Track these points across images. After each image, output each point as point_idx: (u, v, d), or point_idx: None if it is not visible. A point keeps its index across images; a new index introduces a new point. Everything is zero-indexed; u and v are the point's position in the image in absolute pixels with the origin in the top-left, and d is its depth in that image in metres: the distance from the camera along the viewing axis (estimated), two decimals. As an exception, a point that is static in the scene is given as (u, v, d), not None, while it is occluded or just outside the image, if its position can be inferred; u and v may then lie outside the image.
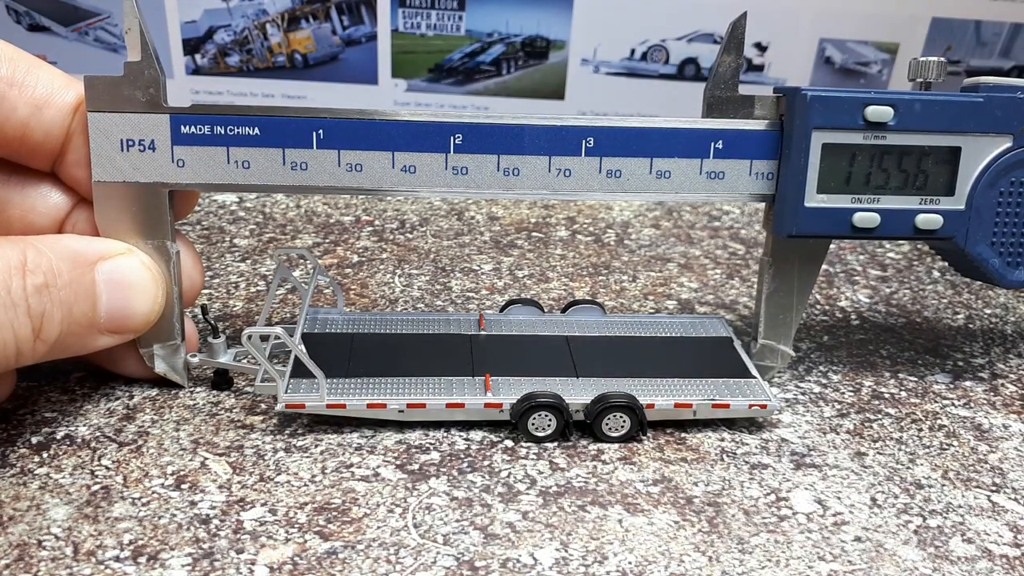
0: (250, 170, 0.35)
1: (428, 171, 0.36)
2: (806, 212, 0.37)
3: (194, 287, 0.38)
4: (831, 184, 0.37)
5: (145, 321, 0.35)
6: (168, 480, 0.33)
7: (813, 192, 0.37)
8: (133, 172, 0.35)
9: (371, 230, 0.58)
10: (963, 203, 0.37)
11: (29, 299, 0.30)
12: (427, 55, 1.41)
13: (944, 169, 0.37)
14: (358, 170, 0.36)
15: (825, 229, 0.37)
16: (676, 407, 0.36)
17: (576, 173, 0.37)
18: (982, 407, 0.40)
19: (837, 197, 0.37)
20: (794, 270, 0.39)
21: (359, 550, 0.30)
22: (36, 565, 0.28)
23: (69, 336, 0.32)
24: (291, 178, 0.36)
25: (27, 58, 0.34)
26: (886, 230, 0.37)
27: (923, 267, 0.56)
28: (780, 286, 0.40)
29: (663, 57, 1.42)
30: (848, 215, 0.37)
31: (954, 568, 0.30)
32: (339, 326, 0.41)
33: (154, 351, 0.37)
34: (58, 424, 0.36)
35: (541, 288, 0.50)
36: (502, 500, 0.32)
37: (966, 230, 0.38)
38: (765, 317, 0.40)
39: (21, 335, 0.30)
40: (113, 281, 0.33)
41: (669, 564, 0.30)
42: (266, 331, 0.35)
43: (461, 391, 0.36)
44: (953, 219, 0.37)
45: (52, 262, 0.31)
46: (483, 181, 0.37)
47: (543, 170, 0.37)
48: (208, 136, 0.35)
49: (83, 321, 0.32)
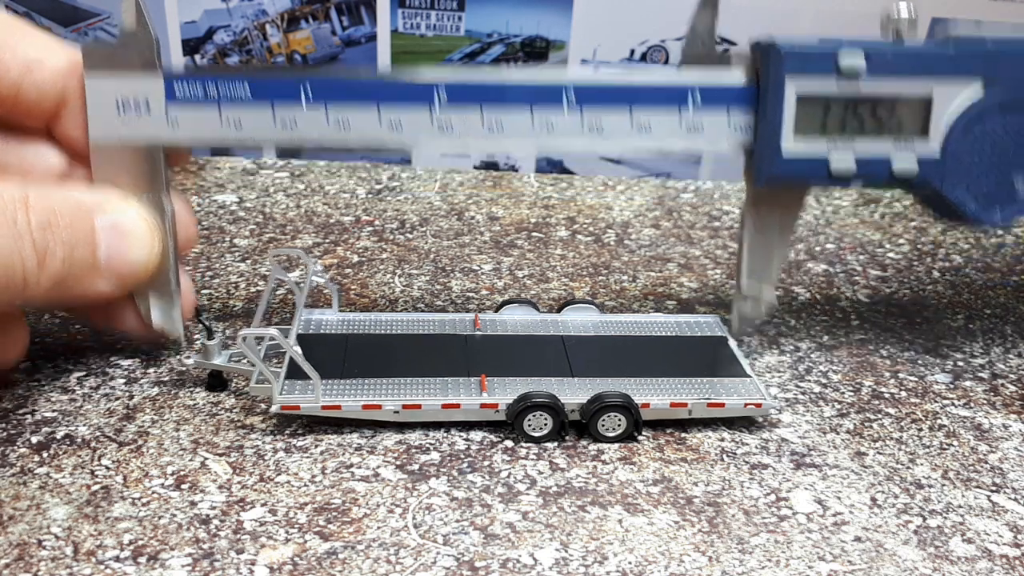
0: (242, 129, 0.36)
1: (414, 127, 0.37)
2: (783, 159, 0.38)
3: (189, 240, 0.39)
4: (807, 132, 0.38)
5: (143, 268, 0.35)
6: (168, 480, 0.33)
7: (790, 139, 0.37)
8: (129, 132, 0.36)
9: (371, 230, 0.58)
10: (937, 149, 0.38)
11: (34, 233, 0.31)
12: (427, 56, 1.41)
13: (917, 117, 0.38)
14: (346, 127, 0.36)
15: (802, 174, 0.38)
16: (671, 406, 0.36)
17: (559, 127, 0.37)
18: (982, 407, 0.40)
19: (813, 145, 0.38)
20: (774, 220, 0.41)
21: (359, 550, 0.30)
22: (36, 565, 0.28)
23: (71, 276, 0.33)
24: (281, 136, 0.37)
25: (17, 22, 0.35)
26: (863, 176, 0.38)
27: (923, 267, 0.56)
28: (761, 235, 0.41)
29: (663, 57, 1.42)
30: (825, 162, 0.38)
31: (954, 568, 0.30)
32: (334, 327, 0.41)
33: (151, 304, 0.38)
34: (58, 424, 0.36)
35: (541, 288, 0.50)
36: (502, 500, 0.32)
37: (942, 175, 0.38)
38: (748, 265, 0.41)
39: (28, 264, 0.31)
40: (112, 229, 0.34)
41: (669, 564, 0.30)
42: (261, 332, 0.35)
43: (457, 392, 0.36)
44: (928, 165, 0.38)
45: (54, 205, 0.32)
46: (468, 135, 0.37)
47: (527, 125, 0.37)
48: (201, 97, 0.36)
49: (84, 264, 0.33)
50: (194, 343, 0.42)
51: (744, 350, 0.44)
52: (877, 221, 0.64)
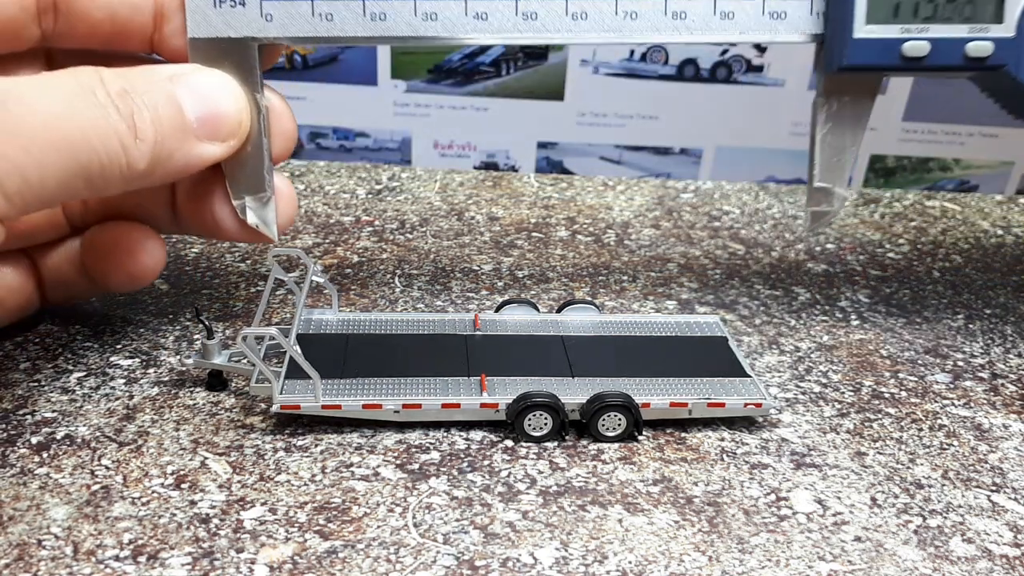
0: (333, 22, 0.37)
1: (499, 16, 0.37)
2: (855, 43, 0.37)
3: (286, 137, 0.39)
4: (879, 15, 0.37)
5: (237, 121, 0.35)
6: (168, 480, 0.33)
7: (862, 23, 0.37)
8: (225, 27, 0.36)
9: (371, 230, 0.58)
10: (1013, 30, 0.38)
11: (115, 100, 0.31)
12: (426, 56, 1.41)
13: None
14: (433, 19, 0.37)
15: (875, 59, 0.38)
16: (671, 406, 0.36)
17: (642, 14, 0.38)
18: (982, 407, 0.40)
19: (886, 27, 0.37)
20: (847, 108, 0.40)
21: (359, 549, 0.30)
22: (36, 565, 0.28)
23: (167, 140, 0.33)
24: (370, 28, 0.37)
25: None
26: (936, 59, 0.38)
27: (923, 267, 0.56)
28: (833, 127, 0.40)
29: (662, 58, 1.42)
30: (897, 45, 0.37)
31: (954, 568, 0.30)
32: (334, 327, 0.41)
33: (246, 203, 0.38)
34: (58, 424, 0.36)
35: (541, 288, 0.50)
36: (502, 500, 0.32)
37: (1018, 57, 0.38)
38: (820, 159, 0.40)
39: (120, 130, 0.31)
40: (192, 89, 0.34)
41: (669, 564, 0.30)
42: (261, 332, 0.35)
43: (457, 391, 0.36)
44: (1004, 46, 0.37)
45: (128, 76, 0.32)
46: (551, 24, 0.38)
47: (611, 12, 0.37)
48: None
49: (175, 124, 0.33)
50: (194, 342, 0.42)
51: (744, 350, 0.44)
52: (877, 221, 0.64)
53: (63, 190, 0.30)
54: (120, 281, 0.40)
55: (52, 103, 0.29)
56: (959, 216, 0.66)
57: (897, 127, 1.39)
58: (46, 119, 0.29)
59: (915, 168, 1.46)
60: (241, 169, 0.37)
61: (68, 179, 0.30)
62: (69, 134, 0.29)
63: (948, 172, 1.47)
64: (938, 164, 1.46)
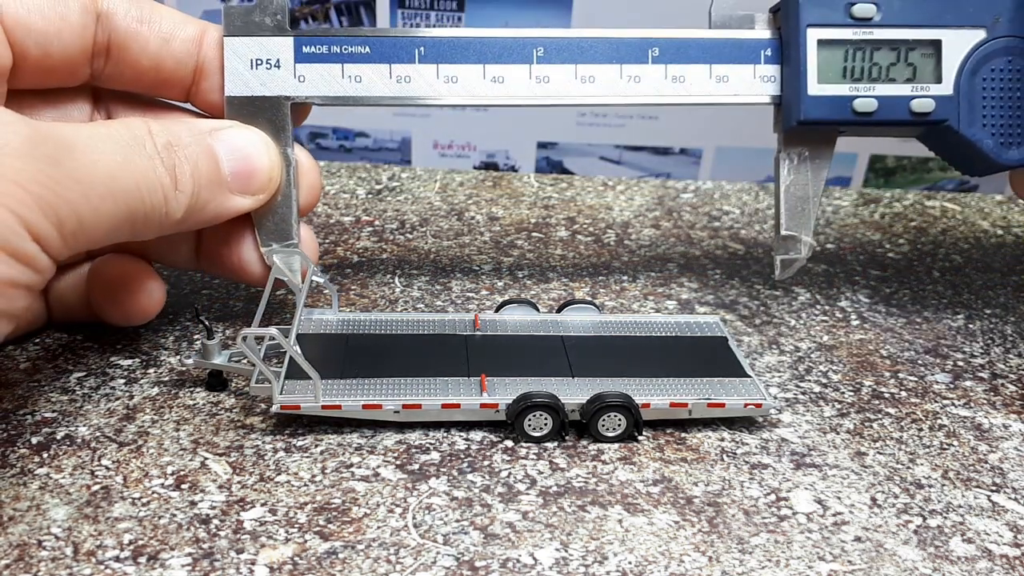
0: (361, 83, 0.41)
1: (514, 82, 0.41)
2: (810, 100, 0.41)
3: (313, 191, 0.41)
4: (829, 75, 0.41)
5: (268, 177, 0.38)
6: (168, 480, 0.33)
7: (815, 83, 0.41)
8: (261, 87, 0.40)
9: (371, 230, 0.58)
10: (951, 89, 0.41)
11: (161, 153, 0.33)
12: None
13: (929, 60, 0.41)
14: (454, 82, 0.41)
15: (829, 114, 0.41)
16: (671, 406, 0.36)
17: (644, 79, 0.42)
18: (982, 407, 0.40)
19: (836, 86, 0.41)
20: (807, 161, 0.43)
21: (359, 550, 0.30)
22: (36, 565, 0.28)
23: (203, 191, 0.35)
24: (396, 90, 0.41)
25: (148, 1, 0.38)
26: (884, 114, 0.41)
27: (923, 267, 0.56)
28: (796, 178, 0.43)
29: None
30: (848, 102, 0.41)
31: (954, 568, 0.30)
32: (334, 327, 0.41)
33: (273, 250, 0.40)
34: (58, 424, 0.36)
35: (541, 288, 0.50)
36: (502, 500, 0.32)
37: (957, 114, 0.41)
38: (785, 209, 0.43)
39: (164, 183, 0.33)
40: (229, 145, 0.37)
41: (669, 564, 0.30)
42: (261, 332, 0.35)
43: (457, 391, 0.36)
44: (944, 104, 0.41)
45: (172, 129, 0.34)
46: (563, 89, 0.42)
47: (616, 77, 0.42)
48: (326, 54, 0.40)
49: (211, 177, 0.36)
50: (194, 342, 0.42)
51: (744, 350, 0.44)
52: (877, 221, 0.64)
53: (110, 234, 0.32)
54: (116, 317, 0.41)
55: (112, 153, 0.31)
56: (959, 216, 0.66)
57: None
58: (107, 169, 0.31)
59: (915, 168, 1.46)
60: (270, 218, 0.40)
61: (117, 224, 0.32)
62: (125, 184, 0.31)
63: (948, 172, 1.47)
64: (938, 164, 1.46)
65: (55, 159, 0.29)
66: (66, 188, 0.29)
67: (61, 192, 0.29)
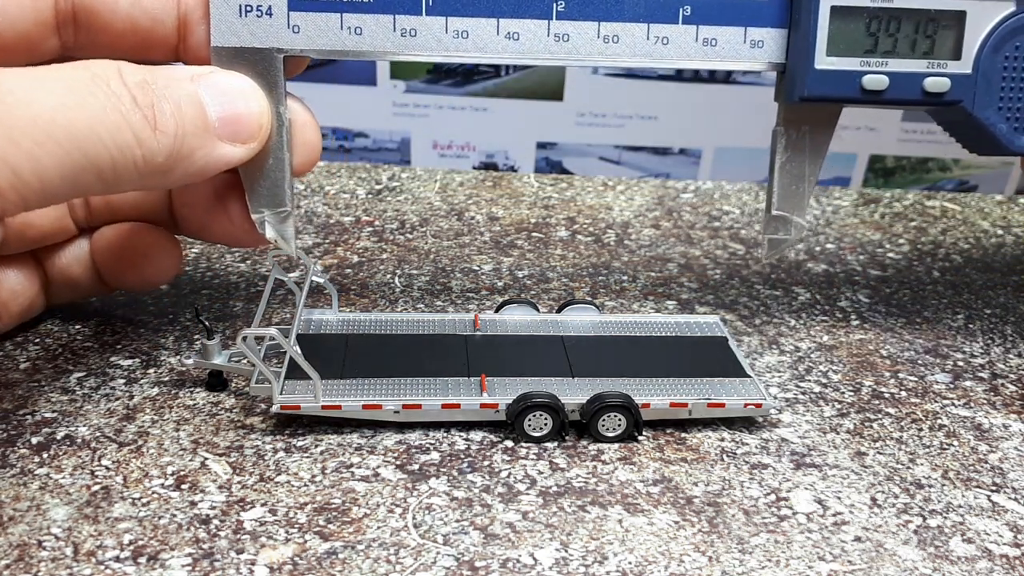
0: (362, 36, 0.36)
1: (531, 38, 0.37)
2: (816, 75, 0.38)
3: (310, 148, 0.38)
4: (840, 47, 0.38)
5: (259, 123, 0.34)
6: (168, 480, 0.33)
7: (823, 55, 0.37)
8: (250, 37, 0.36)
9: (371, 230, 0.58)
10: (970, 67, 0.38)
11: (132, 91, 0.30)
12: (427, 55, 1.41)
13: (950, 33, 0.38)
14: (464, 37, 0.37)
15: (835, 91, 0.38)
16: (671, 406, 0.36)
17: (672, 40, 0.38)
18: (982, 407, 0.40)
19: (846, 60, 0.38)
20: (806, 138, 0.40)
21: (359, 550, 0.30)
22: (36, 565, 0.28)
23: (188, 137, 0.31)
24: (400, 44, 0.37)
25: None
26: (895, 93, 0.38)
27: (923, 267, 0.56)
28: (793, 155, 0.40)
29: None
30: (857, 78, 0.38)
31: (954, 568, 0.30)
32: (334, 327, 0.41)
33: (265, 217, 0.37)
34: (58, 424, 0.36)
35: (541, 288, 0.50)
36: (502, 500, 0.32)
37: (973, 94, 0.38)
38: (778, 188, 0.40)
39: (136, 123, 0.30)
40: (214, 89, 0.33)
41: (669, 564, 0.30)
42: (261, 332, 0.35)
43: (457, 391, 0.36)
44: (960, 83, 0.38)
45: (150, 69, 0.31)
46: (583, 48, 0.37)
47: (643, 37, 0.38)
48: (323, 2, 0.36)
49: (196, 121, 0.32)
50: (194, 342, 0.42)
51: (744, 350, 0.44)
52: (877, 221, 0.64)
53: (70, 185, 0.29)
54: (135, 282, 0.40)
55: (52, 95, 0.28)
56: (959, 216, 0.66)
57: (896, 127, 1.39)
58: (41, 111, 0.28)
59: (915, 168, 1.46)
60: (261, 182, 0.36)
61: (75, 174, 0.28)
62: (71, 126, 0.28)
63: (947, 172, 1.47)
64: (937, 164, 1.46)
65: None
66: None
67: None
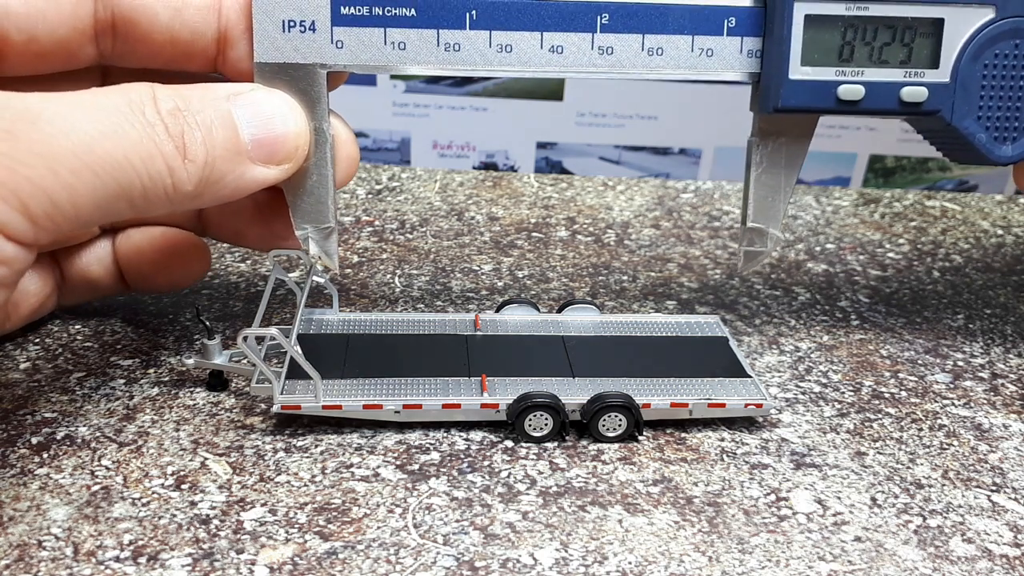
0: (405, 51, 0.36)
1: (575, 51, 0.37)
2: (791, 85, 0.37)
3: (350, 163, 0.37)
4: (815, 56, 0.37)
5: (295, 144, 0.34)
6: (168, 480, 0.33)
7: (797, 65, 0.37)
8: (293, 53, 0.35)
9: (371, 230, 0.58)
10: (948, 76, 0.37)
11: (165, 120, 0.30)
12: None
13: (928, 41, 0.37)
14: (508, 51, 0.37)
15: (810, 102, 0.37)
16: (672, 407, 0.36)
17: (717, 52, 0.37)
18: (982, 407, 0.40)
19: (821, 70, 0.37)
20: (781, 149, 0.39)
21: (359, 550, 0.30)
22: (36, 565, 0.28)
23: (218, 162, 0.31)
24: (444, 59, 0.36)
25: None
26: (871, 103, 0.37)
27: (923, 267, 0.56)
28: (768, 167, 0.39)
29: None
30: (833, 88, 0.37)
31: (954, 568, 0.30)
32: (335, 327, 0.41)
33: (308, 233, 0.37)
34: (58, 424, 0.36)
35: (541, 288, 0.50)
36: (502, 500, 0.32)
37: (951, 104, 0.38)
38: (754, 199, 0.40)
39: (166, 151, 0.30)
40: (250, 109, 0.33)
41: (669, 564, 0.30)
42: (261, 332, 0.35)
43: (457, 391, 0.36)
44: (938, 92, 0.37)
45: (183, 93, 0.31)
46: (627, 61, 0.37)
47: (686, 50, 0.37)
48: (367, 17, 0.36)
49: (228, 146, 0.32)
50: (194, 342, 0.42)
51: (744, 350, 0.44)
52: (877, 221, 0.64)
53: (102, 212, 0.29)
54: (162, 285, 0.41)
55: (91, 123, 0.28)
56: (959, 216, 0.66)
57: (896, 127, 1.39)
58: (81, 140, 0.28)
59: (914, 168, 1.46)
60: (305, 198, 0.36)
61: (108, 202, 0.28)
62: (108, 156, 0.28)
63: (947, 172, 1.47)
64: (937, 164, 1.46)
65: (10, 133, 0.26)
66: (25, 165, 0.26)
67: (19, 170, 0.26)
